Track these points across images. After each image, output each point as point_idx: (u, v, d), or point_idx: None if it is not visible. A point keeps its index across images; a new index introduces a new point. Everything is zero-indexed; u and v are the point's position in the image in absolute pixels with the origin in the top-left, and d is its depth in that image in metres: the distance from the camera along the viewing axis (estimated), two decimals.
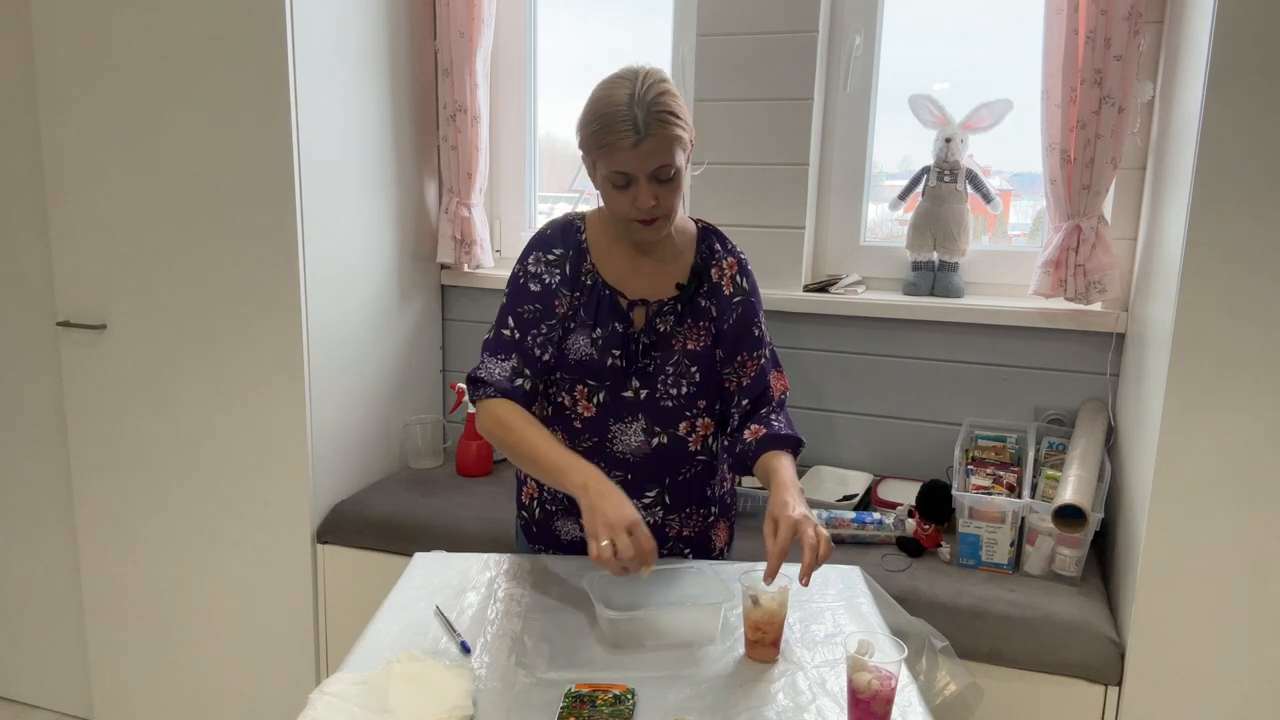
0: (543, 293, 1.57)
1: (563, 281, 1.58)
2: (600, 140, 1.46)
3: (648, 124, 1.43)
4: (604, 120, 1.45)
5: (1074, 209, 2.07)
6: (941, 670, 1.72)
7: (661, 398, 1.59)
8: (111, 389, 2.38)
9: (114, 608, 2.51)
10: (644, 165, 1.46)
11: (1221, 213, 1.54)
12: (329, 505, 2.34)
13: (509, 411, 1.52)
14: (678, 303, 1.59)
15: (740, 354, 1.63)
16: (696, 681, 1.27)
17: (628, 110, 1.43)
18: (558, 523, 1.66)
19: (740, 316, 1.62)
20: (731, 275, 1.63)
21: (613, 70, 1.51)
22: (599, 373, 1.57)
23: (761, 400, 1.63)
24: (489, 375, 1.55)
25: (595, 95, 1.50)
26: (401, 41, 2.45)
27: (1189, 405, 1.60)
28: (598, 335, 1.57)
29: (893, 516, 2.08)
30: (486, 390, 1.55)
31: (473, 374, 1.57)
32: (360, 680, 1.23)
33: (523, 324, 1.57)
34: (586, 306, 1.58)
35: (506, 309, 1.59)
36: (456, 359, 2.80)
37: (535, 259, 1.59)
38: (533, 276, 1.58)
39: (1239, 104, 1.50)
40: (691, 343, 1.60)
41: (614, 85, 1.47)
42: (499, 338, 1.58)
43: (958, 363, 2.31)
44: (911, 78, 2.34)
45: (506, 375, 1.55)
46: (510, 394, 1.54)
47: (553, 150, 2.76)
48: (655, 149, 1.45)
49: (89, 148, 2.27)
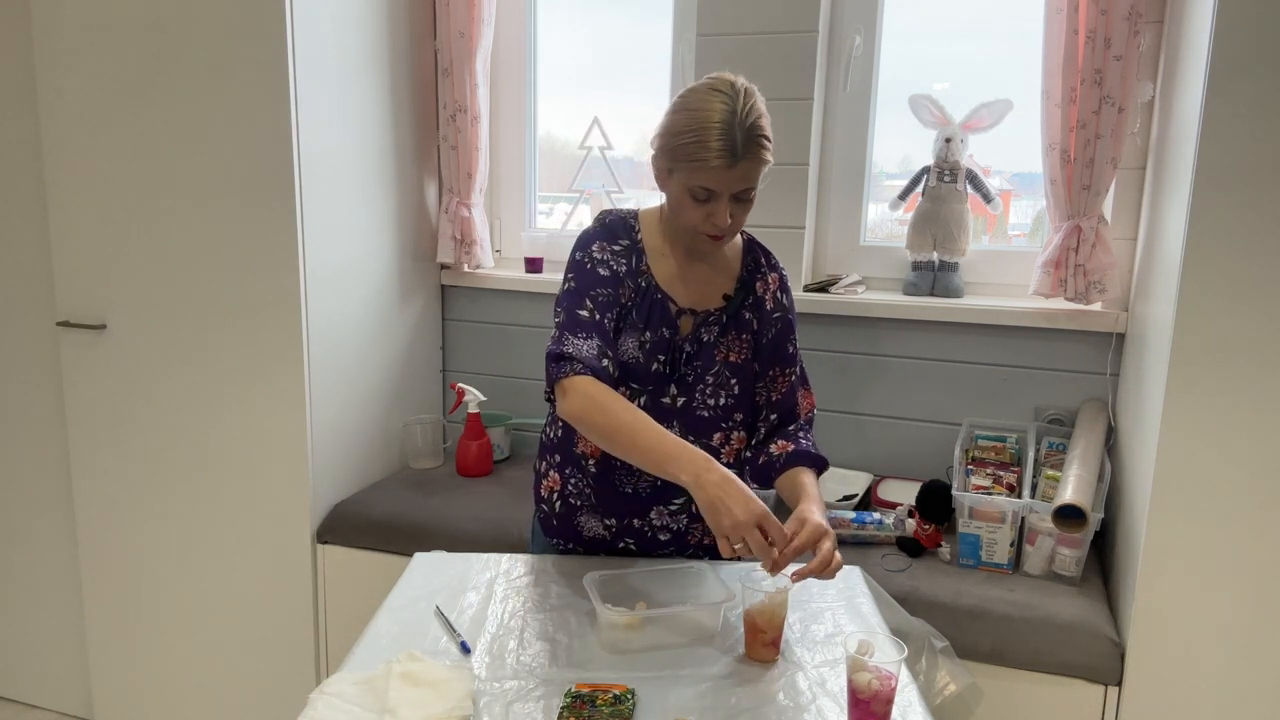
0: (612, 278, 1.52)
1: (627, 273, 1.54)
2: (692, 155, 1.42)
3: (746, 147, 1.41)
4: (700, 136, 1.41)
5: (1074, 209, 2.07)
6: (941, 670, 1.72)
7: (699, 407, 1.57)
8: (111, 389, 2.38)
9: (114, 608, 2.52)
10: (732, 186, 1.44)
11: (1221, 212, 1.54)
12: (329, 505, 2.34)
13: (603, 391, 1.42)
14: (724, 314, 1.58)
15: (773, 369, 1.62)
16: (696, 681, 1.27)
17: (727, 130, 1.40)
18: (581, 518, 1.64)
19: (778, 333, 1.62)
20: (774, 290, 1.62)
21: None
22: (643, 377, 1.54)
23: (789, 417, 1.63)
24: (577, 350, 1.44)
25: (690, 105, 1.44)
26: (401, 41, 2.45)
27: (1189, 405, 1.60)
28: (646, 339, 1.54)
29: (893, 516, 2.08)
30: (574, 366, 1.43)
31: (556, 349, 1.46)
32: (360, 680, 1.23)
33: (600, 305, 1.49)
34: (639, 308, 1.54)
35: (579, 291, 1.50)
36: (456, 359, 2.80)
37: (600, 246, 1.55)
38: (600, 262, 1.53)
39: (1239, 104, 1.50)
40: (733, 354, 1.59)
41: (711, 99, 1.42)
42: (576, 318, 1.48)
43: (958, 363, 2.31)
44: (911, 78, 2.34)
45: (594, 353, 1.45)
46: (599, 373, 1.45)
47: (553, 150, 2.77)
48: (746, 171, 1.43)
49: (89, 148, 2.27)
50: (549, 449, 1.66)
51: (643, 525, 1.60)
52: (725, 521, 1.29)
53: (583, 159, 2.70)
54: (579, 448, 1.59)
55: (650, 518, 1.59)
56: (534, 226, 2.80)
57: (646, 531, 1.60)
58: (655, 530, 1.60)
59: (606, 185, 2.71)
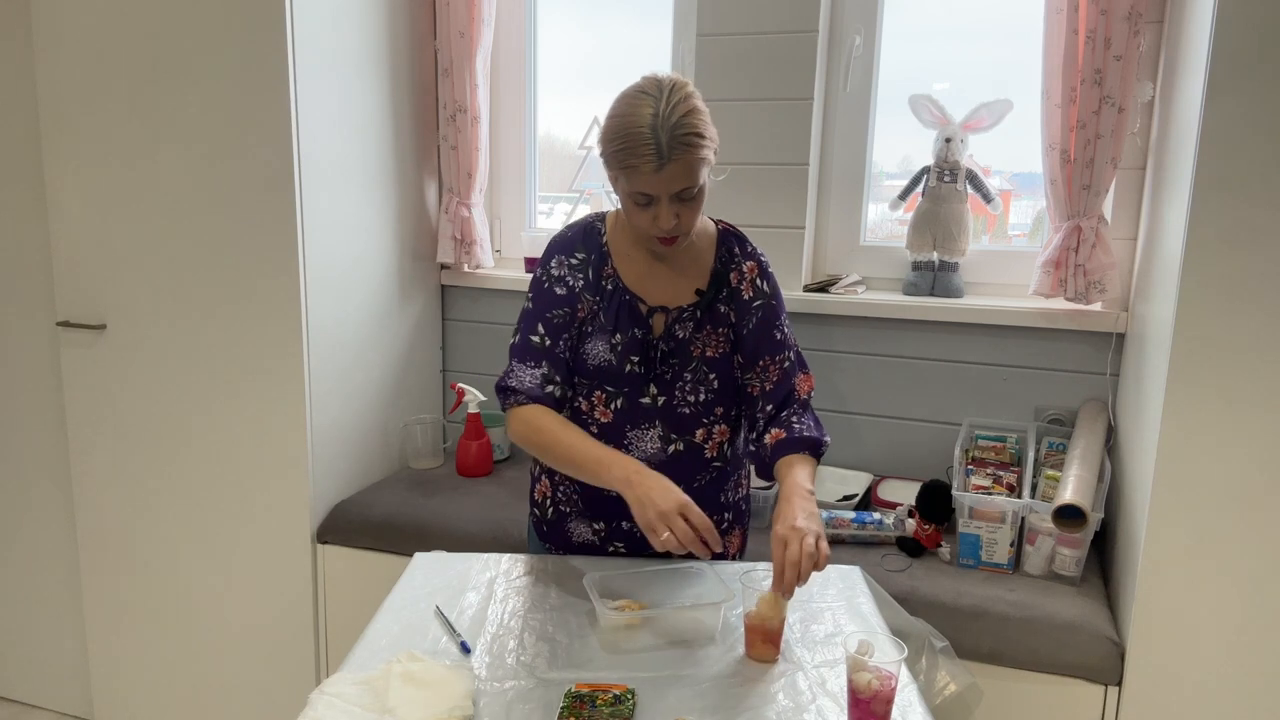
0: (568, 296, 1.56)
1: (585, 286, 1.56)
2: (622, 161, 1.43)
3: (671, 148, 1.40)
4: (625, 141, 1.41)
5: (1074, 209, 2.07)
6: (941, 670, 1.72)
7: (679, 405, 1.58)
8: (111, 389, 2.38)
9: (114, 608, 2.52)
10: (666, 188, 1.43)
11: (1221, 212, 1.54)
12: (329, 505, 2.34)
13: (540, 415, 1.52)
14: (696, 309, 1.58)
15: (762, 358, 1.60)
16: (696, 681, 1.27)
17: (650, 134, 1.39)
18: (570, 524, 1.65)
19: (761, 321, 1.60)
20: (751, 279, 1.61)
21: (632, 77, 1.45)
22: (617, 379, 1.56)
23: (786, 402, 1.60)
24: (519, 383, 1.54)
25: (617, 110, 1.44)
26: (401, 41, 2.45)
27: (1189, 405, 1.60)
28: (617, 341, 1.55)
29: (893, 516, 2.08)
30: (517, 398, 1.54)
31: (502, 383, 1.56)
32: (360, 680, 1.23)
33: (553, 329, 1.55)
34: (607, 311, 1.56)
35: (534, 313, 1.56)
36: (456, 359, 2.80)
37: (558, 262, 1.57)
38: (557, 280, 1.57)
39: (1239, 104, 1.50)
40: (710, 349, 1.59)
41: (637, 102, 1.42)
42: (527, 344, 1.56)
43: (958, 363, 2.31)
44: (911, 78, 2.34)
45: (537, 383, 1.54)
46: (541, 400, 1.54)
47: (553, 150, 2.76)
48: (678, 172, 1.42)
49: (89, 148, 2.27)
50: None
51: (631, 527, 1.59)
52: (650, 513, 1.34)
53: (583, 159, 2.70)
54: None
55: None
56: (534, 226, 2.80)
57: (636, 533, 1.59)
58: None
59: (606, 185, 2.70)
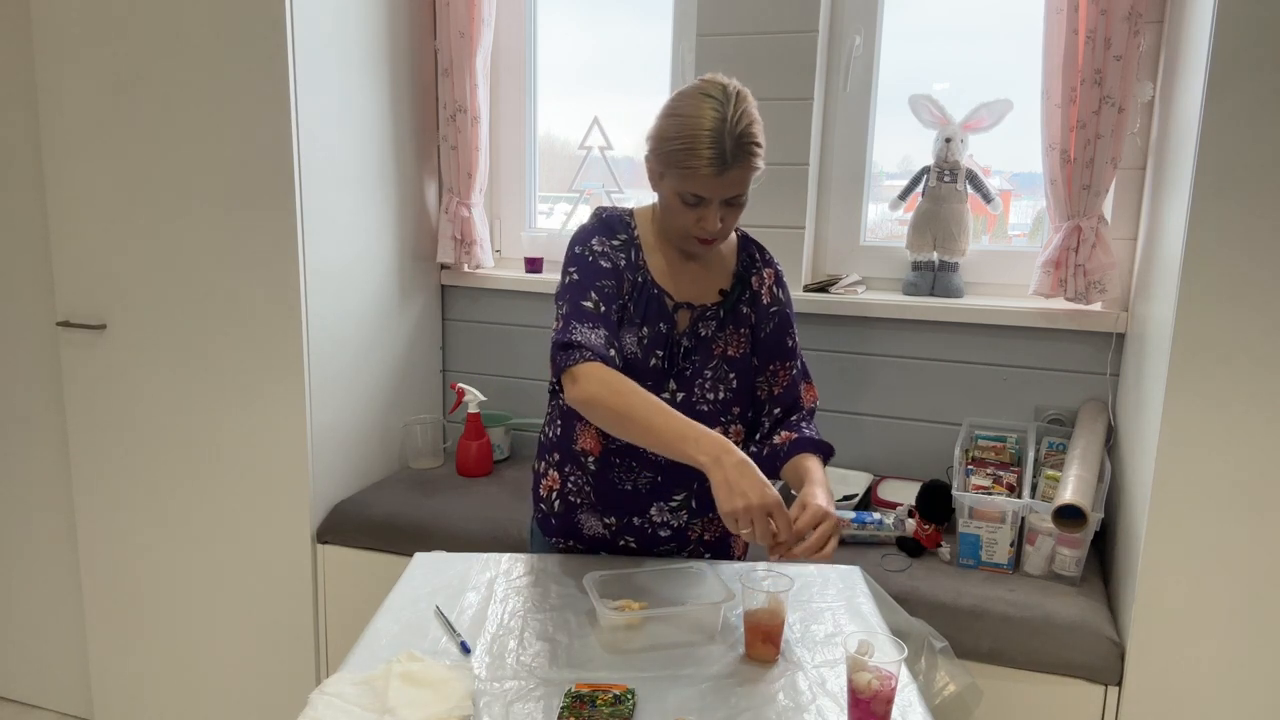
0: (613, 270, 1.52)
1: (627, 266, 1.54)
2: (682, 162, 1.41)
3: (735, 155, 1.40)
4: (689, 143, 1.40)
5: (1074, 209, 2.07)
6: (941, 670, 1.72)
7: (698, 402, 1.57)
8: (111, 389, 2.38)
9: (114, 608, 2.52)
10: (722, 192, 1.44)
11: (1221, 212, 1.54)
12: (329, 505, 2.34)
13: (615, 376, 1.41)
14: (720, 309, 1.59)
15: (774, 363, 1.63)
16: (696, 681, 1.27)
17: (714, 137, 1.39)
18: (581, 516, 1.64)
19: (776, 327, 1.63)
20: (769, 285, 1.63)
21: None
22: (641, 372, 1.53)
23: (792, 409, 1.64)
24: (584, 339, 1.43)
25: (679, 109, 1.43)
26: (401, 41, 2.45)
27: (1189, 405, 1.60)
28: (644, 334, 1.54)
29: (893, 516, 2.08)
30: (583, 353, 1.42)
31: (564, 338, 1.44)
32: (360, 680, 1.23)
33: (604, 297, 1.48)
34: (636, 303, 1.54)
35: (582, 284, 1.49)
36: (456, 359, 2.80)
37: (599, 240, 1.54)
38: (601, 254, 1.52)
39: (1239, 104, 1.50)
40: (731, 349, 1.59)
41: (701, 104, 1.41)
42: (580, 309, 1.47)
43: (958, 363, 2.31)
44: (911, 78, 2.34)
45: (602, 342, 1.44)
46: (607, 361, 1.43)
47: (553, 150, 2.77)
48: (735, 179, 1.43)
49: (89, 148, 2.27)
50: (548, 448, 1.66)
51: (643, 523, 1.60)
52: (739, 504, 1.28)
53: (583, 159, 2.70)
54: (578, 445, 1.59)
55: (650, 514, 1.59)
56: (534, 226, 2.80)
57: (647, 529, 1.60)
58: (655, 527, 1.60)
59: (606, 185, 2.71)
